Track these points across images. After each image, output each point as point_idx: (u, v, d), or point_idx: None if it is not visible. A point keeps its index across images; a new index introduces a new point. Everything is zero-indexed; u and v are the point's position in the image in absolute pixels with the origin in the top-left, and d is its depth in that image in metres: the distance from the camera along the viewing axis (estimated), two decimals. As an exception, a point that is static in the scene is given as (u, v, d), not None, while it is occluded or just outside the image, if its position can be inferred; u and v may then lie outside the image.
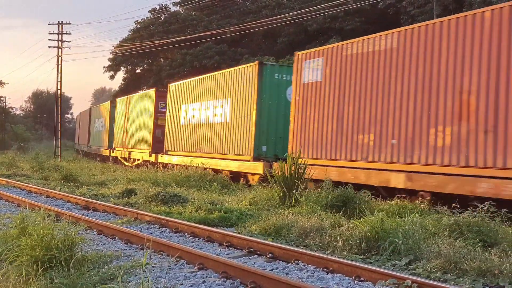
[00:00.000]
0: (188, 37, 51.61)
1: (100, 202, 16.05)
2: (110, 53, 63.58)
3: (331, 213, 12.21)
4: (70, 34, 55.53)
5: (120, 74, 65.45)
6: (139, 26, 61.88)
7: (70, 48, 57.36)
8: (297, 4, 49.37)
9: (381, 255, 9.17)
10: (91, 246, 9.45)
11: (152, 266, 8.05)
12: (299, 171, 15.56)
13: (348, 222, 10.62)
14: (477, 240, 9.29)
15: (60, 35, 52.61)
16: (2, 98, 73.32)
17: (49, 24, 53.57)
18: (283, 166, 15.62)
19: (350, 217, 11.82)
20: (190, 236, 11.11)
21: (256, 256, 9.28)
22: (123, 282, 7.10)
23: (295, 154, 16.62)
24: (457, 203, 11.35)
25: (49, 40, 52.91)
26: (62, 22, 52.71)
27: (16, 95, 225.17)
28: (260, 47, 55.25)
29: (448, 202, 12.30)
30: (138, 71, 64.74)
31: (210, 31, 50.85)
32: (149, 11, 62.77)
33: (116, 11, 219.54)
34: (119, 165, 37.85)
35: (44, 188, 19.98)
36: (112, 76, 64.27)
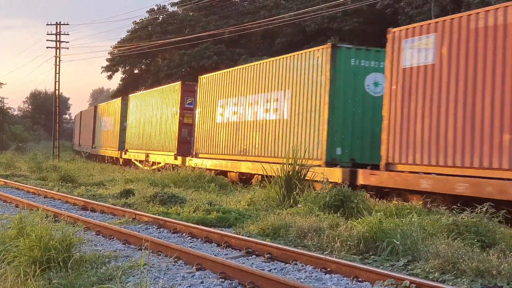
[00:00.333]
0: (186, 37, 51.59)
1: (98, 202, 16.03)
2: (108, 53, 63.67)
3: (329, 213, 12.21)
4: (68, 34, 55.62)
5: (118, 75, 65.54)
6: (137, 27, 61.89)
7: (68, 48, 57.25)
8: (295, 4, 49.40)
9: (379, 256, 9.16)
10: (89, 247, 9.44)
11: (150, 267, 8.04)
12: (302, 172, 15.65)
13: (346, 223, 10.62)
14: (475, 240, 9.29)
15: (58, 36, 52.59)
16: (0, 99, 73.37)
17: (47, 25, 53.34)
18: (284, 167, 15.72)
19: (348, 217, 11.81)
20: (188, 236, 11.10)
21: (254, 256, 9.28)
22: (121, 282, 7.09)
23: (391, 158, 14.85)
24: None
25: (47, 40, 52.95)
26: (60, 22, 52.77)
27: (14, 96, 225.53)
28: (258, 48, 55.26)
29: None
30: (136, 71, 64.77)
31: (208, 32, 50.84)
32: (147, 12, 62.80)
33: (115, 11, 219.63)
34: (134, 168, 33.67)
35: (42, 189, 19.95)
36: (110, 76, 64.30)
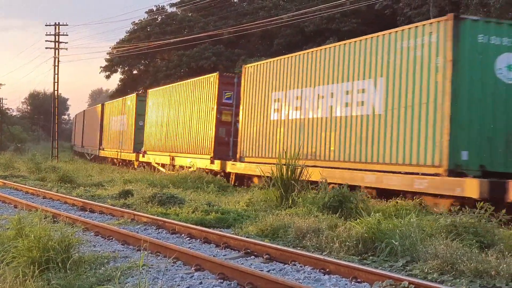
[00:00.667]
0: (185, 38, 51.57)
1: (97, 203, 16.03)
2: (107, 53, 63.61)
3: (328, 214, 12.22)
4: (67, 35, 55.73)
5: (117, 75, 65.52)
6: (136, 27, 61.87)
7: (67, 49, 57.10)
8: (293, 5, 49.40)
9: (378, 256, 9.17)
10: (88, 247, 9.44)
11: (149, 267, 8.04)
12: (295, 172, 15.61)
13: (345, 223, 10.62)
14: (474, 241, 9.30)
15: (57, 36, 52.57)
16: (-1, 99, 73.32)
17: (46, 25, 53.29)
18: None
19: (347, 218, 11.82)
20: (187, 237, 11.11)
21: (253, 257, 9.28)
22: (120, 283, 7.10)
23: None
24: None
25: (46, 41, 52.95)
26: (59, 23, 52.74)
27: (13, 96, 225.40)
28: (257, 48, 55.24)
29: None
30: (135, 72, 64.74)
31: (207, 32, 50.83)
32: (146, 12, 62.77)
33: (113, 12, 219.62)
34: (157, 173, 28.59)
35: (41, 189, 19.94)
36: (108, 76, 64.27)
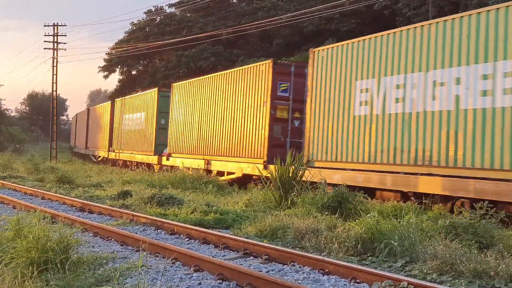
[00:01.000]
0: (184, 38, 51.58)
1: (95, 204, 16.01)
2: (106, 54, 63.62)
3: (327, 214, 12.21)
4: (66, 35, 55.76)
5: (115, 76, 65.61)
6: (134, 28, 61.89)
7: (65, 49, 57.27)
8: (292, 5, 49.43)
9: (377, 257, 9.16)
10: (86, 248, 9.43)
11: (148, 268, 8.03)
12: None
13: (344, 224, 10.62)
14: (473, 241, 9.30)
15: (55, 37, 52.56)
16: (-3, 100, 73.36)
17: (44, 26, 53.28)
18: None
19: (346, 218, 11.82)
20: (186, 238, 11.10)
21: (252, 257, 9.27)
22: (118, 284, 7.09)
23: None
24: None
25: (45, 41, 52.94)
26: (58, 23, 52.75)
27: (11, 97, 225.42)
28: (256, 49, 55.27)
29: None
30: (133, 72, 64.73)
31: (206, 33, 50.82)
32: (145, 13, 62.86)
33: (112, 13, 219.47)
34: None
35: (39, 190, 19.92)
36: (106, 76, 64.29)
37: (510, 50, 12.72)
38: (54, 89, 51.28)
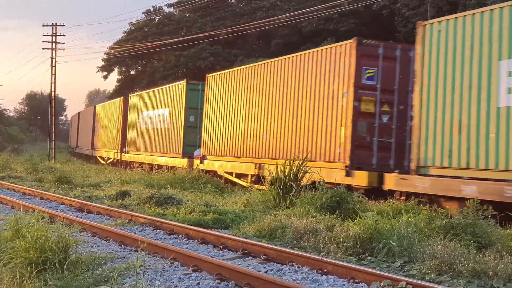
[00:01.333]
0: (182, 38, 51.56)
1: (94, 204, 16.01)
2: (105, 54, 63.60)
3: (325, 214, 12.21)
4: (64, 35, 55.67)
5: (114, 76, 65.53)
6: (133, 28, 61.86)
7: (64, 50, 57.23)
8: (291, 5, 49.42)
9: (376, 257, 9.16)
10: (85, 248, 9.42)
11: (147, 268, 8.03)
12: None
13: (342, 224, 10.62)
14: (472, 241, 9.30)
15: (54, 37, 52.56)
16: (-4, 100, 73.37)
17: (43, 26, 53.27)
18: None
19: (345, 218, 11.81)
20: (185, 238, 11.10)
21: (250, 257, 9.28)
22: (117, 284, 7.08)
23: None
24: None
25: (43, 41, 52.94)
26: (56, 23, 52.76)
27: (10, 97, 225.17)
28: (255, 49, 55.24)
29: None
30: (132, 72, 64.70)
31: (204, 33, 50.80)
32: (143, 13, 62.79)
33: (111, 13, 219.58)
34: (231, 186, 22.29)
35: (38, 190, 19.92)
36: (105, 76, 64.25)
37: None
38: (53, 89, 51.33)
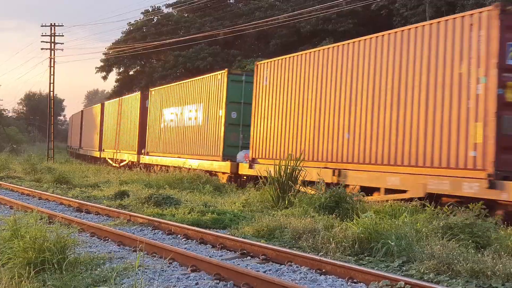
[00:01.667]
0: (181, 39, 51.53)
1: (92, 204, 15.99)
2: (103, 54, 63.55)
3: (324, 214, 12.21)
4: (63, 36, 55.58)
5: (112, 76, 65.41)
6: (131, 28, 61.82)
7: (62, 50, 57.13)
8: (289, 6, 49.44)
9: (374, 257, 9.17)
10: (83, 248, 9.42)
11: (145, 268, 8.03)
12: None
13: (341, 224, 10.62)
14: (470, 241, 9.31)
15: (52, 37, 52.51)
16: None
17: (41, 26, 53.21)
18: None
19: (343, 218, 11.82)
20: (183, 238, 11.10)
21: (249, 258, 9.28)
22: (116, 284, 7.08)
23: None
24: None
25: (42, 42, 52.89)
26: (55, 24, 52.67)
27: (8, 97, 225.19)
28: (253, 49, 55.27)
29: None
30: (131, 73, 64.68)
31: (203, 33, 50.78)
32: (142, 13, 62.73)
33: (109, 13, 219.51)
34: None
35: (36, 190, 19.90)
36: (104, 77, 64.21)
37: None
38: (51, 89, 51.23)
